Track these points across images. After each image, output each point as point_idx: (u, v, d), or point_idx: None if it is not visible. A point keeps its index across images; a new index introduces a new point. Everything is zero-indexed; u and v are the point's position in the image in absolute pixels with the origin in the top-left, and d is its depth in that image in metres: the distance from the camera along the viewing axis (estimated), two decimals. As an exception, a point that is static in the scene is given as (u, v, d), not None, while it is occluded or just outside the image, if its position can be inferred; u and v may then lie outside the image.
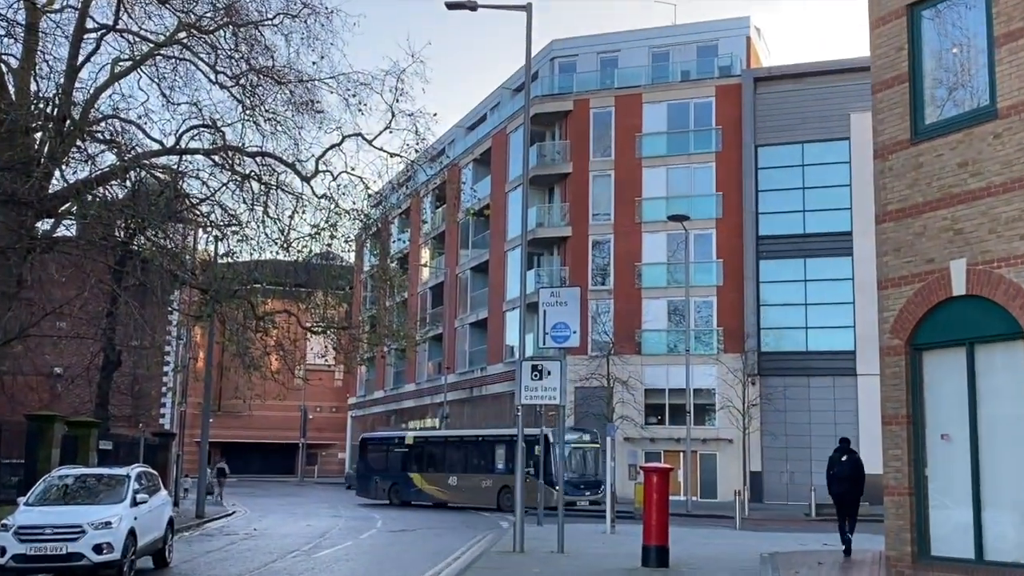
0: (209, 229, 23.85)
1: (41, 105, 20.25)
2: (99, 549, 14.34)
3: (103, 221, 20.43)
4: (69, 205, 21.02)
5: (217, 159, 22.63)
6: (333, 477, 76.83)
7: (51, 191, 20.74)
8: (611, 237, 47.87)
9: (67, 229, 23.03)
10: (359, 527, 27.06)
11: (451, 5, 19.46)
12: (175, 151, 22.36)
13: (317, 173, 23.20)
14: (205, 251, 27.09)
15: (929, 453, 12.38)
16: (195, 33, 22.00)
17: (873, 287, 13.48)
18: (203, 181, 22.81)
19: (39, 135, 20.49)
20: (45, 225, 22.05)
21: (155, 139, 22.75)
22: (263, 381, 24.46)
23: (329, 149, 23.42)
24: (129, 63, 22.13)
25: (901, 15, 12.99)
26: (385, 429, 60.59)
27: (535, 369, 17.94)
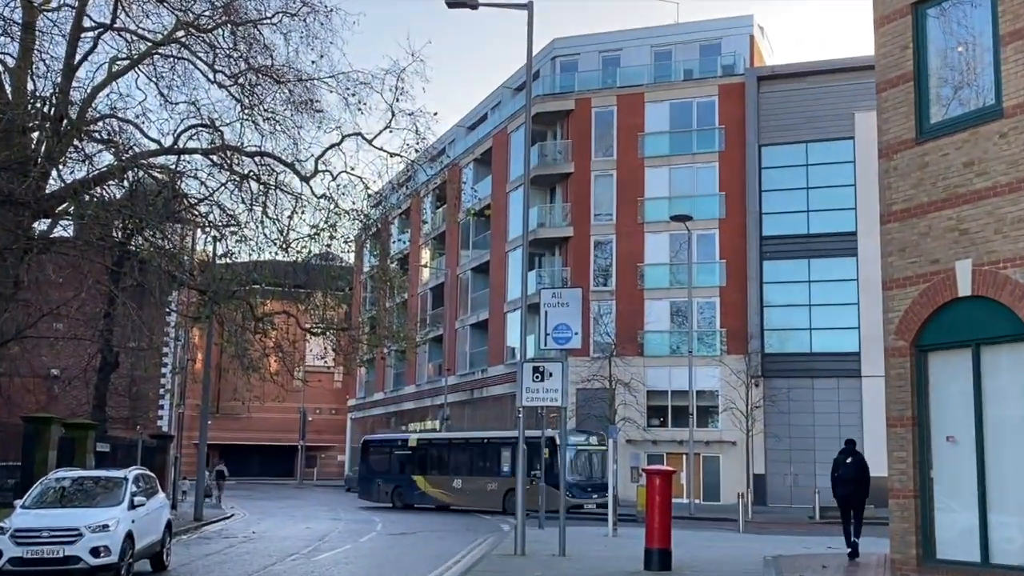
0: (207, 229, 23.86)
1: (38, 104, 20.24)
2: (96, 552, 14.34)
3: (100, 221, 20.42)
4: (66, 205, 21.02)
5: (215, 159, 22.63)
6: (332, 480, 76.85)
7: (48, 191, 20.74)
8: (613, 237, 47.86)
9: (64, 229, 23.07)
10: (359, 530, 27.07)
11: (452, 3, 19.42)
12: (173, 151, 22.35)
13: (316, 173, 23.20)
14: (203, 252, 27.09)
15: (934, 455, 12.38)
16: (193, 32, 22.00)
17: (878, 288, 13.48)
18: (201, 181, 22.83)
19: (36, 135, 20.49)
20: (42, 225, 22.04)
21: (153, 139, 22.79)
22: (262, 383, 24.47)
23: (328, 149, 23.44)
24: (127, 62, 22.12)
25: (906, 13, 12.99)
26: (385, 431, 60.60)
27: (536, 371, 17.94)
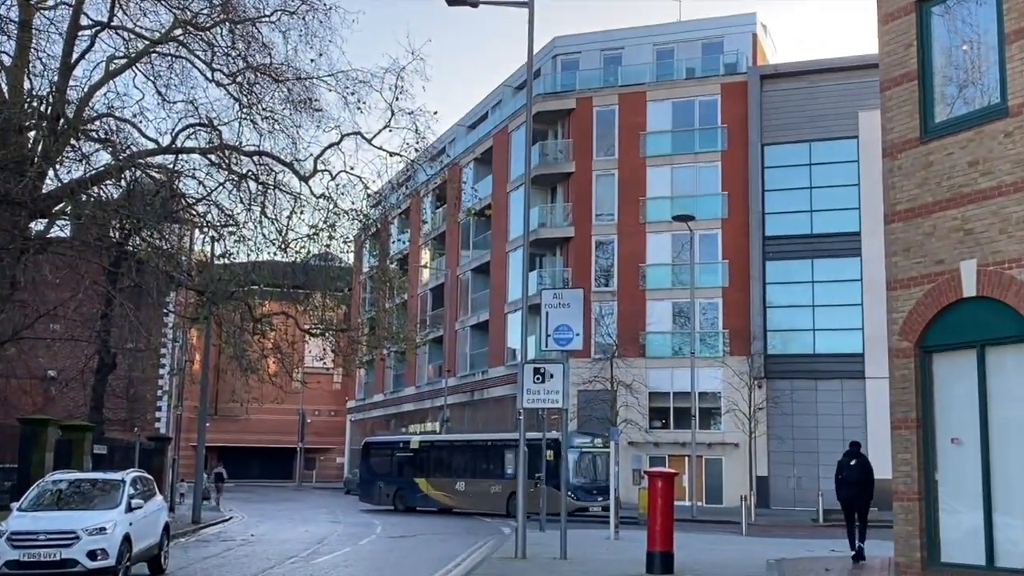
0: (205, 229, 23.89)
1: (35, 103, 20.24)
2: (93, 555, 14.36)
3: (98, 221, 20.43)
4: (63, 205, 21.03)
5: (214, 158, 22.63)
6: (332, 482, 76.87)
7: (45, 191, 20.73)
8: (615, 238, 47.87)
9: (61, 230, 23.06)
10: (358, 533, 27.08)
11: (452, 1, 19.43)
12: (171, 150, 22.36)
13: (315, 172, 23.21)
14: (201, 252, 27.12)
15: (939, 457, 12.38)
16: (191, 30, 21.99)
17: (882, 288, 13.47)
18: (199, 181, 22.83)
19: (33, 134, 20.51)
20: (39, 225, 22.06)
21: (150, 138, 22.78)
22: (260, 384, 24.47)
23: (328, 148, 23.44)
24: (124, 61, 22.13)
25: (910, 11, 12.99)
26: (385, 433, 60.60)
27: (537, 372, 17.95)
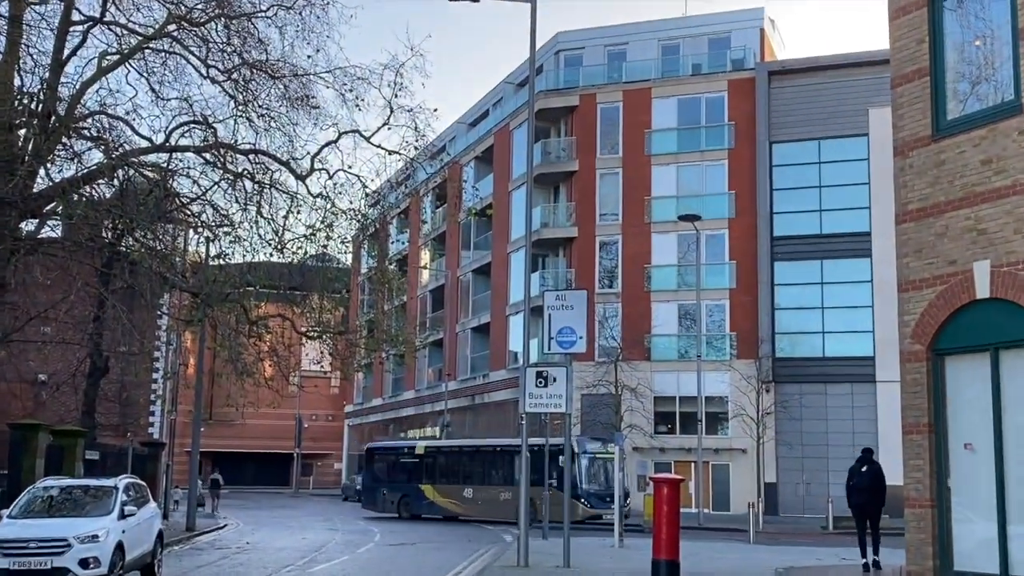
0: (200, 230, 23.87)
1: (25, 100, 20.26)
2: (85, 564, 14.36)
3: (90, 221, 20.43)
4: (54, 205, 21.04)
5: (208, 157, 22.64)
6: (329, 488, 76.89)
7: (36, 190, 20.75)
8: (619, 238, 47.87)
9: (52, 230, 23.06)
10: (356, 541, 27.08)
11: (453, -4, 19.46)
12: (165, 148, 22.36)
13: (312, 171, 23.20)
14: (196, 253, 27.12)
15: (952, 464, 12.36)
16: (185, 25, 22.00)
17: (893, 290, 13.46)
18: (194, 180, 22.84)
19: (23, 132, 20.51)
20: (29, 226, 22.05)
21: (144, 136, 22.78)
22: (256, 388, 24.45)
23: (325, 146, 23.43)
24: (117, 57, 22.12)
25: (922, 6, 12.97)
26: (384, 438, 60.62)
27: (540, 376, 17.93)
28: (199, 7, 22.17)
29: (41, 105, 20.14)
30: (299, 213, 22.75)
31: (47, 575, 14.25)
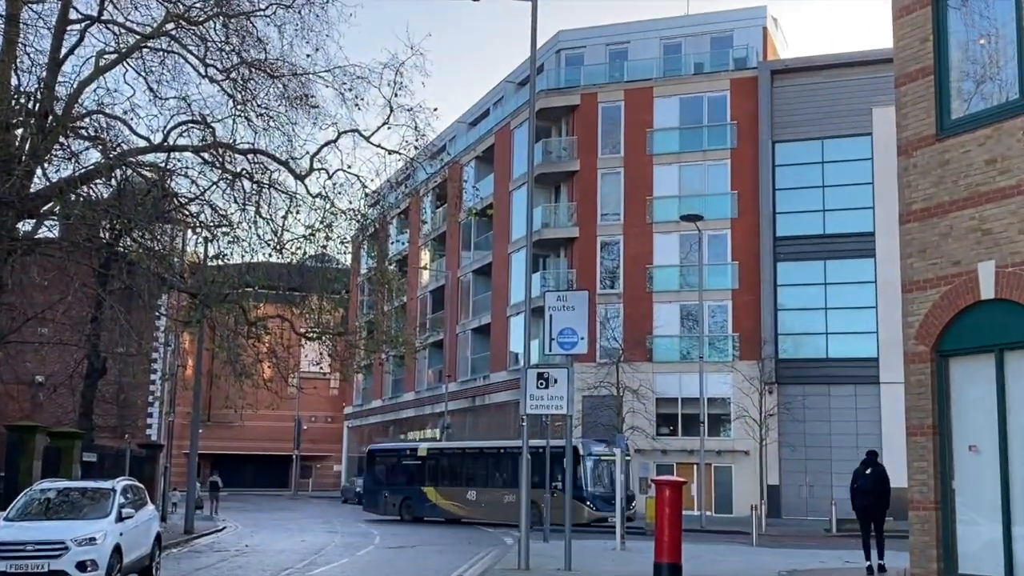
0: (198, 230, 23.88)
1: (22, 100, 20.27)
2: (83, 566, 14.37)
3: (87, 222, 20.43)
4: (52, 205, 21.05)
5: (207, 156, 22.65)
6: (328, 491, 76.89)
7: (33, 190, 20.76)
8: (620, 238, 47.87)
9: (49, 230, 23.09)
10: (356, 543, 27.09)
11: (452, -6, 19.48)
12: (163, 148, 22.37)
13: (312, 171, 23.22)
14: (194, 253, 27.14)
15: (956, 465, 12.36)
16: (184, 24, 22.01)
17: (897, 290, 13.46)
18: (192, 180, 22.86)
19: (20, 131, 20.53)
20: (26, 226, 22.07)
21: (142, 135, 22.80)
22: (255, 390, 24.48)
23: (324, 146, 23.45)
24: (114, 56, 22.14)
25: (926, 4, 12.98)
26: (384, 440, 60.61)
27: (541, 377, 17.95)
28: (197, 6, 22.18)
29: (38, 104, 20.15)
30: (298, 213, 22.79)
31: (44, 578, 14.27)
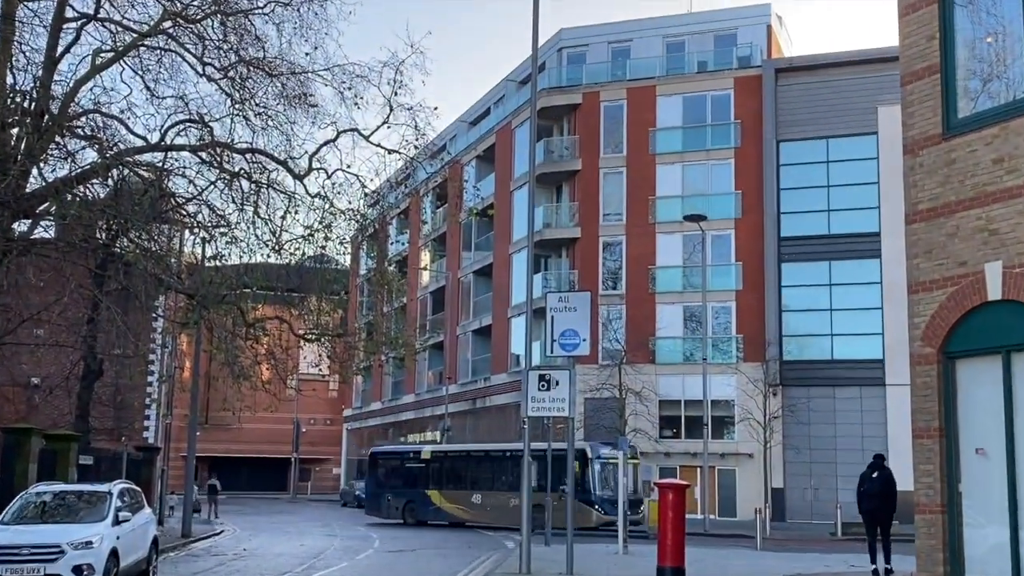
0: (196, 230, 23.87)
1: (18, 99, 20.26)
2: (79, 570, 14.39)
3: (84, 222, 20.44)
4: (48, 205, 21.05)
5: (205, 156, 22.64)
6: (328, 494, 76.90)
7: (28, 190, 20.76)
8: (623, 238, 47.86)
9: (46, 230, 23.06)
10: (356, 547, 27.10)
11: (453, -8, 19.47)
12: (160, 147, 22.37)
13: (311, 171, 23.21)
14: (192, 254, 27.12)
15: (963, 468, 12.34)
16: (181, 22, 22.01)
17: (902, 291, 13.44)
18: (190, 179, 22.85)
19: (15, 130, 20.51)
20: (22, 226, 22.07)
21: (139, 135, 22.77)
22: (253, 392, 24.47)
23: (323, 145, 23.44)
24: (111, 54, 22.13)
25: (932, 2, 12.96)
26: (383, 442, 60.62)
27: (542, 379, 17.95)
28: (195, 3, 22.16)
29: (34, 103, 20.14)
30: (297, 213, 22.78)
31: (40, 582, 14.27)
